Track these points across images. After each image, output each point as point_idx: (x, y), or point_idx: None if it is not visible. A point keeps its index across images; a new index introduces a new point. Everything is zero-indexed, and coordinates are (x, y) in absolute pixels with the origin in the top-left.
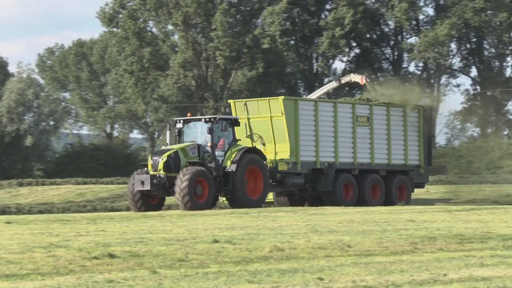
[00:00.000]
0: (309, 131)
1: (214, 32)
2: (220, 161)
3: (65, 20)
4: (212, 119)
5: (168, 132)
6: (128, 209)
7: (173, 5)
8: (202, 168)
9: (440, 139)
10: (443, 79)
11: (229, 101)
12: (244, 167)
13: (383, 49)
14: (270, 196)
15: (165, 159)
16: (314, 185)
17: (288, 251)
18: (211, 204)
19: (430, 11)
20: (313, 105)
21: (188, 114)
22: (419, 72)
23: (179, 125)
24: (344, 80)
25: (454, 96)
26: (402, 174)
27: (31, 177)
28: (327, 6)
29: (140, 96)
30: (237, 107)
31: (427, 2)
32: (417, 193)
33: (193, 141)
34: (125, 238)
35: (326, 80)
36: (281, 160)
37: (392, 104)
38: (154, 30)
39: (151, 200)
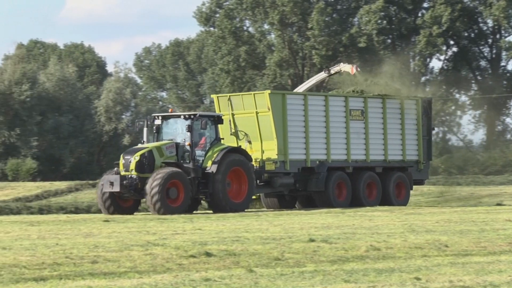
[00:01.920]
0: (298, 127)
1: (310, 31)
2: (201, 161)
3: (162, 20)
4: (192, 116)
5: (145, 129)
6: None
7: (269, 4)
8: (177, 169)
9: None
10: None
11: (212, 96)
12: (226, 168)
13: (481, 47)
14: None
15: (137, 158)
16: (305, 185)
17: (385, 250)
18: (193, 208)
19: None
20: (302, 98)
21: (170, 110)
22: None
23: (157, 122)
24: (334, 70)
25: None
26: (400, 171)
27: None
28: (424, 5)
29: None
30: (221, 103)
31: None
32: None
33: (172, 139)
34: (222, 237)
35: (423, 79)
36: (268, 159)
37: (388, 96)
38: (250, 29)
39: (123, 203)
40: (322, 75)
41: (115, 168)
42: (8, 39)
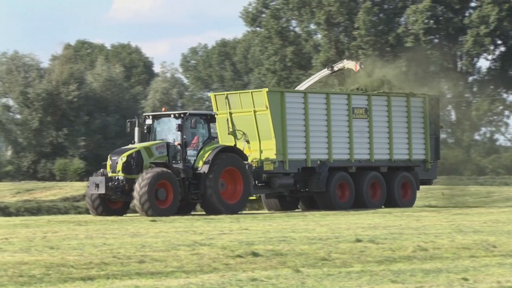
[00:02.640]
0: (298, 126)
1: (356, 31)
2: (192, 161)
3: (209, 20)
4: (182, 115)
5: (136, 129)
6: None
7: (315, 4)
8: (166, 169)
9: None
10: None
11: (209, 94)
12: (218, 168)
13: None
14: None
15: (124, 159)
16: (305, 186)
17: (432, 251)
18: (189, 209)
19: None
20: (302, 97)
21: (163, 109)
22: None
23: (148, 121)
24: (337, 67)
25: None
26: (406, 171)
27: None
28: (472, 4)
29: None
30: (218, 101)
31: None
32: None
33: (162, 139)
34: (268, 237)
35: (470, 78)
36: (267, 159)
37: (394, 94)
38: (296, 29)
39: (112, 204)
40: (325, 72)
41: (101, 169)
42: (55, 40)
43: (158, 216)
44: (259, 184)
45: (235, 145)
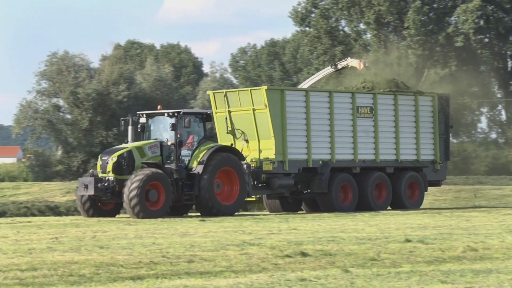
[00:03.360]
0: (299, 125)
1: (406, 31)
2: (186, 162)
3: (258, 20)
4: (176, 114)
5: (130, 128)
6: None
7: (365, 4)
8: (158, 170)
9: None
10: None
11: (207, 92)
12: (213, 169)
13: None
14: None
15: (114, 159)
16: (307, 187)
17: (482, 251)
18: (184, 210)
19: None
20: (303, 95)
21: (159, 107)
22: None
23: (142, 120)
24: (341, 65)
25: None
26: (414, 171)
27: None
28: None
29: None
30: (217, 99)
31: None
32: None
33: (156, 139)
34: (317, 237)
35: None
36: (266, 159)
37: (401, 92)
38: (346, 29)
39: (103, 206)
40: (328, 70)
41: (91, 170)
42: (106, 40)
43: (149, 218)
44: (259, 185)
45: (232, 144)
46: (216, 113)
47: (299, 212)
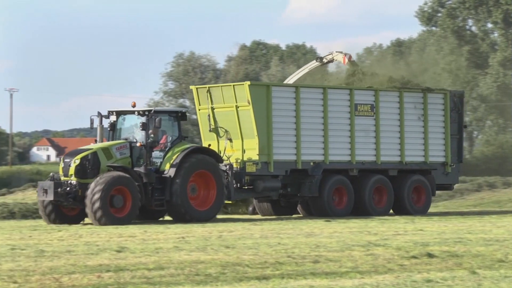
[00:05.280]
0: (287, 123)
1: None
2: (158, 164)
3: (384, 20)
4: (147, 112)
5: (98, 127)
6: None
7: (493, 3)
8: (125, 173)
9: None
10: None
11: (190, 87)
12: (187, 172)
13: None
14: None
15: (77, 162)
16: (298, 189)
17: None
18: (159, 215)
19: None
20: (292, 91)
21: (132, 103)
22: None
23: (112, 118)
24: (326, 58)
25: None
26: (421, 174)
27: None
28: None
29: None
30: (200, 95)
31: None
32: None
33: (126, 139)
34: (444, 238)
35: None
36: (249, 159)
37: (407, 89)
38: (473, 28)
39: (67, 211)
40: (313, 63)
41: (51, 173)
42: (231, 41)
43: (114, 225)
44: (245, 188)
45: (210, 145)
46: (199, 109)
47: (294, 215)
